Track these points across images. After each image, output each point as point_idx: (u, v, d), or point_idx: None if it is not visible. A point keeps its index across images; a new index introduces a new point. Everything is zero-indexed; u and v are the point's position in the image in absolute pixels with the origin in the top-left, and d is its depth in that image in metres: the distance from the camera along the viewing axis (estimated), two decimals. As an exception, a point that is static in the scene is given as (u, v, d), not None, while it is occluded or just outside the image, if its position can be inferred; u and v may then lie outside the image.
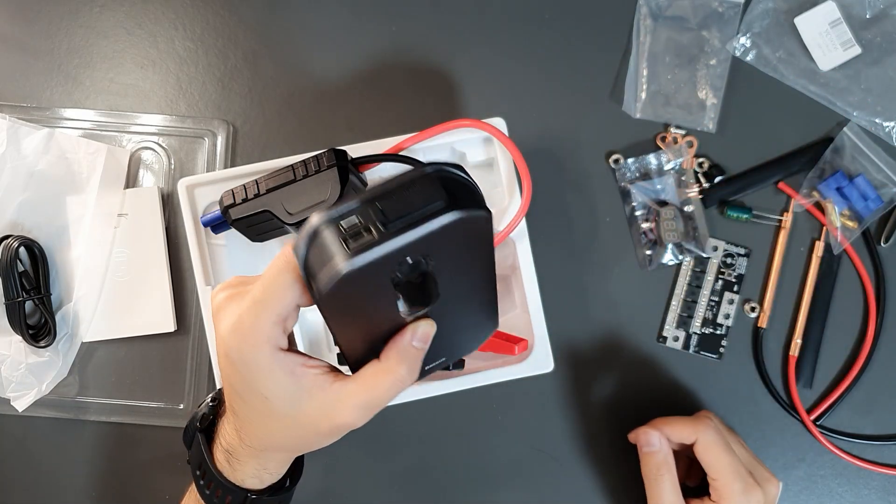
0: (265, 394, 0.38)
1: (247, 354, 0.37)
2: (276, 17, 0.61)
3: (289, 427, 0.39)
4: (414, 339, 0.36)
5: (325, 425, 0.38)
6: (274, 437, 0.40)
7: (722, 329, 0.58)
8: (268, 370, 0.37)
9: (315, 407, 0.37)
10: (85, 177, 0.59)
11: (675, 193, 0.58)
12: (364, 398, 0.37)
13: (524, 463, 0.58)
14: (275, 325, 0.36)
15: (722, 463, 0.49)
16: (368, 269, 0.30)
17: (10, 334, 0.57)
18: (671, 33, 0.59)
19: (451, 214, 0.30)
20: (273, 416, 0.38)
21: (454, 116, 0.51)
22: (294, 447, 0.41)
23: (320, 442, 0.40)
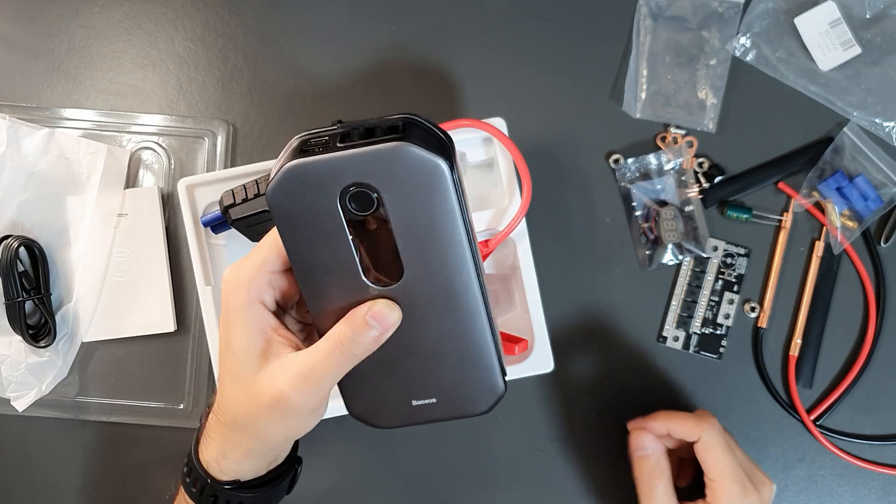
0: (234, 347, 0.38)
1: (230, 297, 0.37)
2: (276, 17, 0.61)
3: (244, 393, 0.38)
4: (368, 312, 0.35)
5: (267, 395, 0.37)
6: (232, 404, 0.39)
7: (722, 329, 0.58)
8: (242, 320, 0.37)
9: (266, 374, 0.37)
10: (85, 177, 0.59)
11: (675, 193, 0.58)
12: (302, 367, 0.36)
13: (524, 463, 0.58)
14: (259, 272, 0.37)
15: (723, 464, 0.48)
16: (310, 176, 0.32)
17: (10, 334, 0.57)
18: (671, 33, 0.59)
19: (397, 143, 0.31)
20: (235, 377, 0.38)
21: (454, 116, 0.51)
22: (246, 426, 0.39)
23: (266, 421, 0.38)
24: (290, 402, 0.36)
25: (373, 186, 0.33)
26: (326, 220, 0.33)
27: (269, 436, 0.39)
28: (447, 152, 0.33)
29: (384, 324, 0.35)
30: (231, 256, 0.55)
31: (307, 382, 0.36)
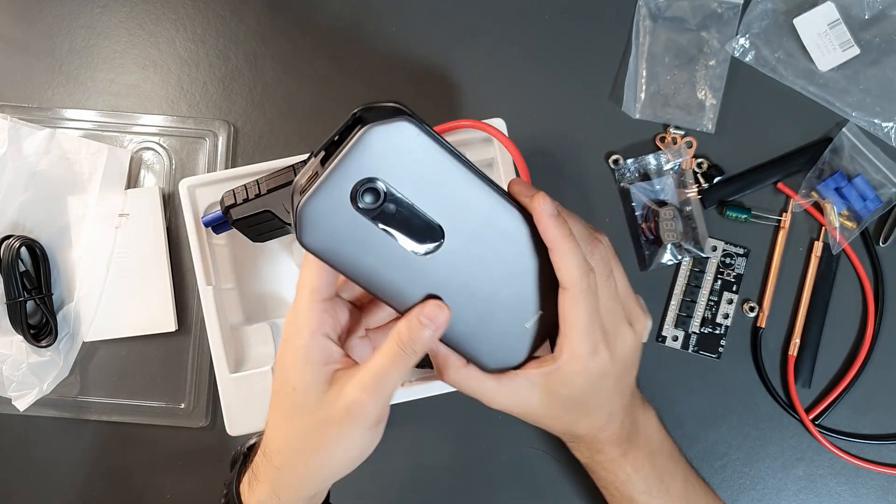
0: (294, 384, 0.38)
1: (292, 338, 0.38)
2: (276, 18, 0.61)
3: (305, 426, 0.38)
4: (421, 314, 0.37)
5: (337, 410, 0.37)
6: (290, 442, 0.39)
7: (721, 329, 0.58)
8: (304, 356, 0.38)
9: (333, 393, 0.38)
10: (86, 177, 0.59)
11: (675, 194, 0.58)
12: (370, 371, 0.37)
13: (524, 463, 0.58)
14: (312, 305, 0.38)
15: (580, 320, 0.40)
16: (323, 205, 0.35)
17: (11, 334, 0.57)
18: (670, 34, 0.59)
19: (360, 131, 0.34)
20: (294, 413, 0.38)
21: (454, 116, 0.52)
22: (308, 459, 0.39)
23: (333, 444, 0.38)
24: (364, 406, 0.37)
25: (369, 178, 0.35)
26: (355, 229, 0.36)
27: (334, 462, 0.39)
28: (405, 113, 0.36)
29: (436, 322, 0.37)
30: (232, 257, 0.55)
31: (377, 384, 0.37)
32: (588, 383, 0.42)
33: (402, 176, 0.35)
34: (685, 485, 0.49)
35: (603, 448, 0.47)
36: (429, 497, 0.59)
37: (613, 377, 0.42)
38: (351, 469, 0.41)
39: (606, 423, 0.45)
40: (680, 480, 0.49)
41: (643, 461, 0.47)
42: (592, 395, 0.43)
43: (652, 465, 0.48)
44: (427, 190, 0.36)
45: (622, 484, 0.48)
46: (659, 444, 0.49)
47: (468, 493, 0.58)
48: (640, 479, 0.47)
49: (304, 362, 0.38)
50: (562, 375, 0.41)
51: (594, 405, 0.44)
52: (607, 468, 0.48)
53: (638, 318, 0.43)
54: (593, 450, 0.47)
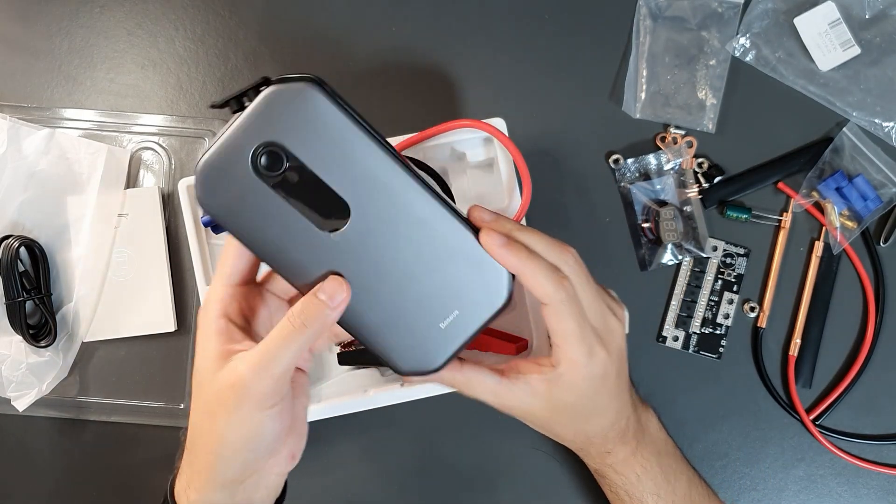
0: (197, 363, 0.39)
1: (199, 318, 0.39)
2: (276, 17, 0.61)
3: (201, 398, 0.38)
4: (318, 290, 0.36)
5: (224, 385, 0.36)
6: (192, 417, 0.39)
7: (721, 329, 0.58)
8: (203, 335, 0.38)
9: (225, 369, 0.37)
10: (85, 177, 0.59)
11: (675, 194, 0.58)
12: (259, 349, 0.36)
13: (524, 463, 0.58)
14: (223, 288, 0.38)
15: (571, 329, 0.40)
16: (221, 164, 0.33)
17: (10, 334, 0.57)
18: (671, 34, 0.59)
19: (264, 91, 0.33)
20: (197, 390, 0.38)
21: (454, 116, 0.51)
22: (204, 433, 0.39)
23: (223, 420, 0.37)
24: (246, 384, 0.36)
25: (270, 141, 0.34)
26: (255, 195, 0.34)
27: (228, 440, 0.38)
28: (313, 80, 0.34)
29: (334, 299, 0.36)
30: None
31: (264, 361, 0.36)
32: (593, 386, 0.42)
33: (307, 144, 0.34)
34: (689, 484, 0.49)
35: (613, 448, 0.46)
36: (429, 497, 0.59)
37: (614, 374, 0.42)
38: (255, 453, 0.39)
39: (616, 420, 0.45)
40: (684, 480, 0.49)
41: (651, 461, 0.47)
42: (598, 398, 0.43)
43: (659, 465, 0.48)
44: (334, 162, 0.34)
45: (632, 486, 0.48)
46: (663, 444, 0.49)
47: (468, 493, 0.58)
48: (649, 480, 0.47)
49: (203, 342, 0.38)
50: (564, 383, 0.41)
51: (602, 407, 0.44)
52: (618, 470, 0.48)
53: (617, 309, 0.43)
54: (604, 452, 0.47)
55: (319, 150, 0.34)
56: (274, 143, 0.34)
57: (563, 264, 0.40)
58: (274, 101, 0.33)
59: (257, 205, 0.34)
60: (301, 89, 0.33)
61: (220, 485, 0.39)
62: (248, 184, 0.34)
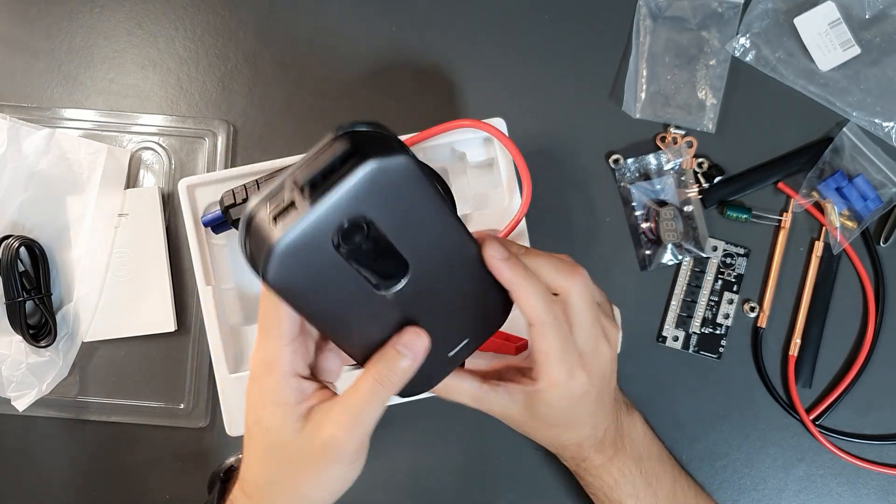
0: (268, 425, 0.37)
1: (263, 382, 0.37)
2: (276, 17, 0.61)
3: (283, 461, 0.38)
4: (398, 343, 0.36)
5: (314, 446, 0.37)
6: (269, 478, 0.39)
7: (721, 329, 0.58)
8: (274, 399, 0.37)
9: (309, 428, 0.37)
10: (85, 177, 0.59)
11: (675, 194, 0.58)
12: (348, 406, 0.36)
13: (524, 463, 0.58)
14: (282, 346, 0.36)
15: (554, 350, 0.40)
16: (304, 243, 0.30)
17: (10, 334, 0.57)
18: (671, 34, 0.59)
19: (364, 166, 0.30)
20: (272, 451, 0.38)
21: (454, 116, 0.51)
22: (287, 494, 0.39)
23: (310, 479, 0.38)
24: (340, 442, 0.36)
25: (360, 216, 0.32)
26: (328, 270, 0.32)
27: (314, 498, 0.39)
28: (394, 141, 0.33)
29: (414, 351, 0.36)
30: (231, 256, 0.55)
31: (354, 421, 0.36)
32: (569, 405, 0.42)
33: (389, 213, 0.32)
34: (673, 487, 0.49)
35: (588, 455, 0.47)
36: (429, 497, 0.59)
37: (594, 395, 0.42)
38: (334, 499, 0.40)
39: (591, 434, 0.46)
40: (668, 483, 0.49)
41: (630, 466, 0.48)
42: (574, 414, 0.43)
43: (639, 470, 0.48)
44: (407, 228, 0.33)
45: (610, 489, 0.48)
46: (647, 448, 0.49)
47: (468, 494, 0.58)
48: (627, 484, 0.48)
49: (276, 404, 0.37)
50: (542, 398, 0.41)
51: (578, 422, 0.44)
52: (594, 474, 0.48)
53: (610, 331, 0.43)
54: (578, 458, 0.48)
55: (399, 219, 0.33)
56: (363, 218, 0.32)
57: (570, 286, 0.40)
58: (371, 178, 0.31)
59: (326, 275, 0.33)
60: (396, 162, 0.31)
61: None
62: (324, 258, 0.32)
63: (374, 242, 0.33)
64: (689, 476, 0.51)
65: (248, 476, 0.40)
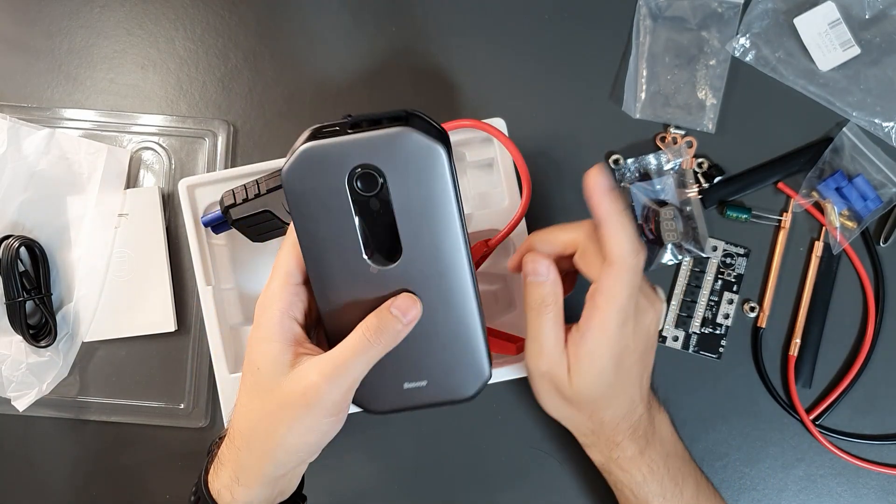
0: (259, 363, 0.39)
1: (262, 316, 0.39)
2: (276, 17, 0.61)
3: (266, 403, 0.38)
4: (392, 304, 0.37)
5: (294, 392, 0.37)
6: (251, 418, 0.39)
7: (721, 329, 0.58)
8: (271, 334, 0.38)
9: (294, 375, 0.38)
10: (85, 177, 0.59)
11: (675, 194, 0.58)
12: (333, 359, 0.37)
13: (524, 463, 0.58)
14: (285, 286, 0.38)
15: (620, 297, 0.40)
16: (322, 157, 0.35)
17: (10, 334, 0.57)
18: (671, 34, 0.59)
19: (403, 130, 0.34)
20: (257, 391, 0.39)
21: (454, 116, 0.51)
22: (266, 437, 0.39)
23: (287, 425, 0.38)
24: (319, 392, 0.37)
25: (378, 168, 0.35)
26: (334, 198, 0.36)
27: (289, 444, 0.39)
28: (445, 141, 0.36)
29: (407, 315, 0.37)
30: (231, 256, 0.55)
31: (337, 372, 0.37)
32: (613, 356, 0.42)
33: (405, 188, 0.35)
34: (696, 489, 0.49)
35: (622, 441, 0.46)
36: (429, 497, 0.59)
37: (637, 353, 0.43)
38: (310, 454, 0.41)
39: (629, 411, 0.45)
40: (692, 484, 0.49)
41: (659, 462, 0.47)
42: (617, 372, 0.43)
43: (667, 468, 0.48)
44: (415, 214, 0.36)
45: (638, 486, 0.48)
46: (673, 447, 0.49)
47: (468, 493, 0.58)
48: (655, 482, 0.47)
49: (269, 341, 0.38)
50: (588, 347, 0.41)
51: (619, 385, 0.44)
52: (624, 468, 0.48)
53: (656, 301, 0.44)
54: (612, 443, 0.47)
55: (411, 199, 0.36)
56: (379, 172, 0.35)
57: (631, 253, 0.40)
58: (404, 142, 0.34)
59: (330, 206, 0.36)
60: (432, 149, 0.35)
61: (268, 481, 0.40)
62: (335, 186, 0.35)
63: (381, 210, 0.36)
64: (711, 482, 0.51)
65: (235, 420, 0.41)
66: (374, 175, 0.35)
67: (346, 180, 0.35)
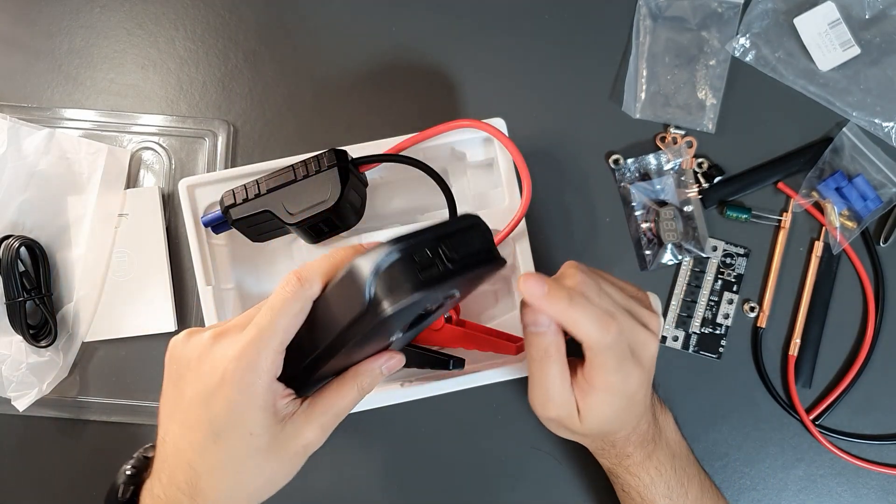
0: (251, 429, 0.37)
1: (249, 385, 0.37)
2: (276, 17, 0.61)
3: (263, 463, 0.38)
4: (384, 365, 0.40)
5: (293, 448, 0.39)
6: (244, 482, 0.39)
7: (721, 329, 0.58)
8: (262, 402, 0.37)
9: (287, 433, 0.38)
10: (85, 177, 0.59)
11: (675, 194, 0.58)
12: (329, 413, 0.39)
13: (524, 463, 0.58)
14: (278, 354, 0.37)
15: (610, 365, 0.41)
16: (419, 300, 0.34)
17: (10, 334, 0.57)
18: (671, 34, 0.59)
19: (494, 264, 0.36)
20: (252, 455, 0.38)
21: (454, 116, 0.51)
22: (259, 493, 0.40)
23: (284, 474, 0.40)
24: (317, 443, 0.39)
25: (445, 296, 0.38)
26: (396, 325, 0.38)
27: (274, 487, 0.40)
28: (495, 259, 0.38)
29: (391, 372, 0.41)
30: (231, 256, 0.55)
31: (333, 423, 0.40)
32: (623, 402, 0.43)
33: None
34: (701, 488, 0.50)
35: (631, 451, 0.47)
36: (428, 497, 0.59)
37: (645, 386, 0.44)
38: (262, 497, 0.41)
39: (637, 425, 0.46)
40: (696, 484, 0.49)
41: (666, 464, 0.48)
42: (629, 407, 0.44)
43: (673, 468, 0.48)
44: None
45: (645, 488, 0.48)
46: (678, 447, 0.49)
47: (468, 493, 0.58)
48: (662, 483, 0.48)
49: (264, 409, 0.37)
50: (600, 400, 0.43)
51: (628, 416, 0.45)
52: (632, 472, 0.48)
53: (650, 321, 0.44)
54: (622, 454, 0.48)
55: None
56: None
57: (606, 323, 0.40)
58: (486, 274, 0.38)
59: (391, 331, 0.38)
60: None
61: None
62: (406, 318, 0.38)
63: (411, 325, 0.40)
64: (713, 481, 0.52)
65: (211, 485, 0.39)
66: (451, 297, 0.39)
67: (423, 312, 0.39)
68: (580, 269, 0.42)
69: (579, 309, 0.39)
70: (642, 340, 0.42)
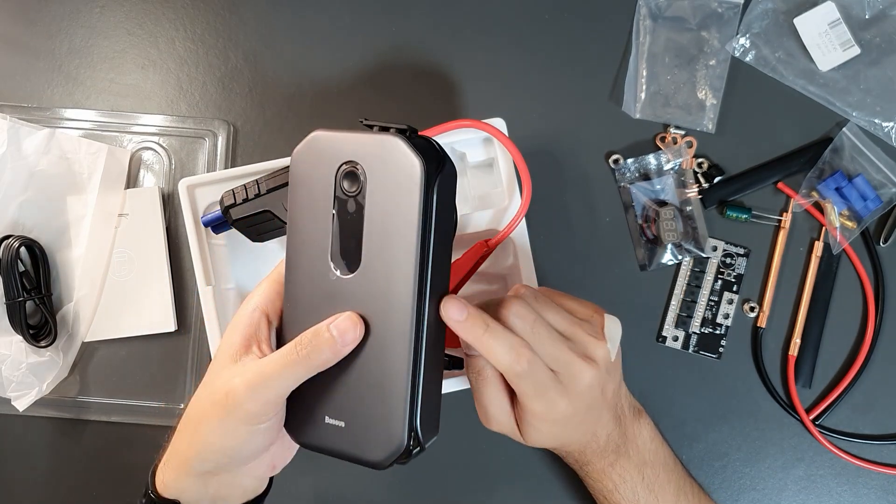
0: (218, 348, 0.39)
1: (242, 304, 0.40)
2: (276, 17, 0.61)
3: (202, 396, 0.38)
4: (331, 323, 0.35)
5: (219, 391, 0.36)
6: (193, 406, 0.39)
7: (721, 329, 0.58)
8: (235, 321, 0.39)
9: (226, 372, 0.37)
10: (86, 177, 0.59)
11: (675, 194, 0.58)
12: (259, 368, 0.36)
13: (524, 463, 0.58)
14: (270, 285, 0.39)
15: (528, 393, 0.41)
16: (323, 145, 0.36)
17: (10, 334, 0.57)
18: (671, 34, 0.59)
19: (391, 135, 0.35)
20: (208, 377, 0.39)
21: (454, 116, 0.52)
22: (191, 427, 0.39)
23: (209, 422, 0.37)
24: (237, 398, 0.35)
25: (361, 168, 0.36)
26: (321, 189, 0.37)
27: (210, 442, 0.38)
28: (434, 165, 0.35)
29: (344, 337, 0.35)
30: (231, 256, 0.55)
31: (259, 381, 0.36)
32: (557, 427, 0.43)
33: (379, 196, 0.35)
34: (677, 495, 0.49)
35: (590, 460, 0.48)
36: (429, 496, 0.59)
37: (582, 412, 0.43)
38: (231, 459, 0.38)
39: (591, 440, 0.46)
40: (671, 491, 0.49)
41: (632, 472, 0.48)
42: (566, 430, 0.44)
43: (641, 476, 0.48)
44: (380, 227, 0.35)
45: (609, 493, 0.49)
46: (652, 454, 0.49)
47: (468, 493, 0.58)
48: (627, 490, 0.48)
49: (233, 329, 0.38)
50: (532, 423, 0.42)
51: (573, 433, 0.45)
52: (595, 477, 0.49)
53: (594, 349, 0.43)
54: (581, 461, 0.49)
55: (380, 212, 0.35)
56: (362, 172, 0.36)
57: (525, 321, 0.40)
58: (388, 148, 0.35)
59: (316, 198, 0.37)
60: (411, 162, 0.34)
61: (195, 474, 0.39)
62: (325, 177, 0.36)
63: (354, 214, 0.36)
64: (697, 485, 0.51)
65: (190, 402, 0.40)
66: (356, 175, 0.36)
67: (334, 173, 0.36)
68: (523, 294, 0.42)
69: (492, 337, 0.38)
70: (574, 371, 0.41)
